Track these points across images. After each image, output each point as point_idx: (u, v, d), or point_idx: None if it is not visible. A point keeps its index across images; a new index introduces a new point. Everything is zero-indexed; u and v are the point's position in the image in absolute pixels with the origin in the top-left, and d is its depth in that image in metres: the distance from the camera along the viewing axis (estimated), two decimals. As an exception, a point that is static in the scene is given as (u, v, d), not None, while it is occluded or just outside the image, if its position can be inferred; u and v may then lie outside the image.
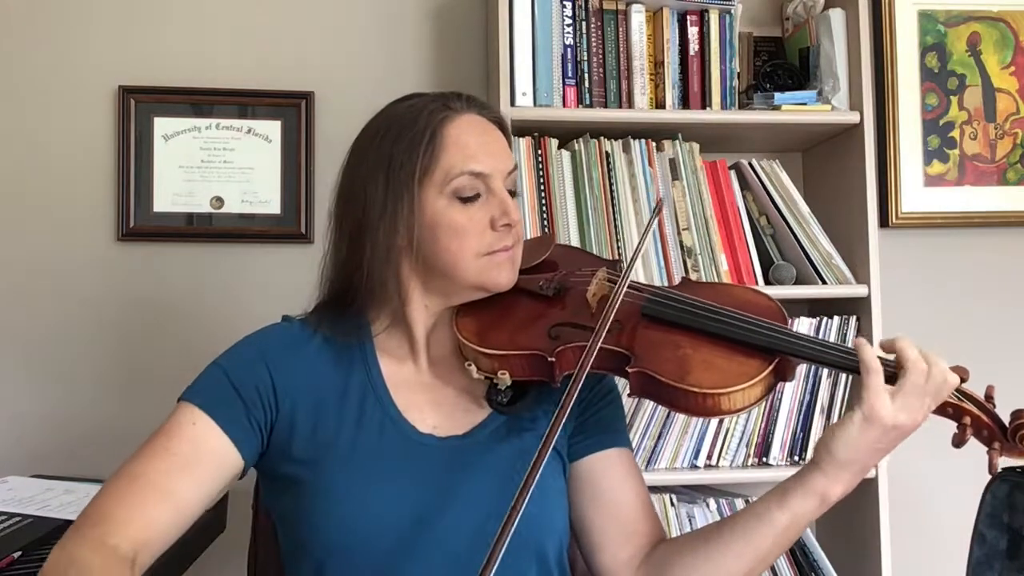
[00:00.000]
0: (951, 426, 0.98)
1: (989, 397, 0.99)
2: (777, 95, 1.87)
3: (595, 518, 1.11)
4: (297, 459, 1.04)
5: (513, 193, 1.09)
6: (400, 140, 1.05)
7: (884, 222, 2.04)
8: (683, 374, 0.98)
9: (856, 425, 0.94)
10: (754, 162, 1.89)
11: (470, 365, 1.07)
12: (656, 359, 1.00)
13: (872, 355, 0.94)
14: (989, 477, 1.16)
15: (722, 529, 1.04)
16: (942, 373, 0.94)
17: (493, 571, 0.80)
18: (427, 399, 1.09)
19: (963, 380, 0.98)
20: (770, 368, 0.98)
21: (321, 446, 1.04)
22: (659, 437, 1.77)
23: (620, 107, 1.84)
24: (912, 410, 0.93)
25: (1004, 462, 0.99)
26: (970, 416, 0.97)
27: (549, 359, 1.02)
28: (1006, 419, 0.97)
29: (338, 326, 1.09)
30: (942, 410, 0.97)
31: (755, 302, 1.08)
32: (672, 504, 1.77)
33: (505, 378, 1.05)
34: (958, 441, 0.97)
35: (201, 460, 1.00)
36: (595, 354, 0.98)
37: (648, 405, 1.75)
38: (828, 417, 1.82)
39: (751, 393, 0.98)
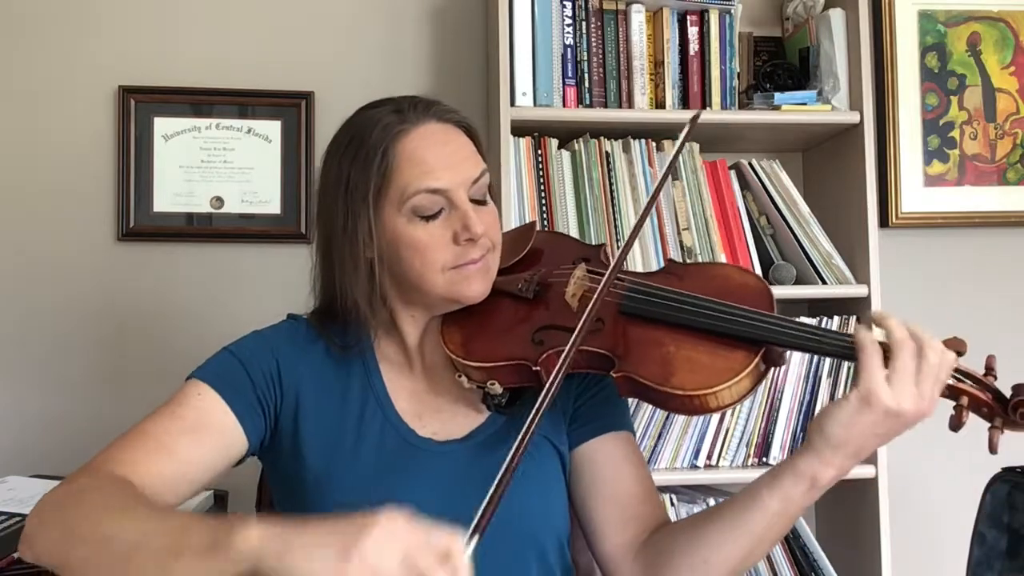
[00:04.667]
0: (950, 423, 0.93)
1: (989, 368, 0.95)
2: (777, 95, 1.87)
3: (594, 505, 1.10)
4: (301, 459, 1.04)
5: (483, 201, 1.06)
6: (356, 159, 1.03)
7: (884, 222, 2.04)
8: (667, 375, 0.95)
9: (852, 406, 0.89)
10: (754, 162, 1.89)
11: (460, 376, 1.06)
12: (639, 361, 0.98)
13: (869, 335, 0.90)
14: (989, 478, 1.16)
15: (717, 514, 1.02)
16: (938, 354, 0.89)
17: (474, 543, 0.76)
18: (426, 405, 1.09)
19: (960, 354, 0.93)
20: (756, 360, 0.95)
21: (324, 449, 1.04)
22: (659, 437, 1.77)
23: (620, 107, 1.84)
24: (913, 396, 0.88)
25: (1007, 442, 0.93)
26: (967, 396, 0.92)
27: (534, 368, 1.00)
28: (1008, 392, 0.92)
29: (340, 336, 1.09)
30: None
31: (742, 283, 1.05)
32: (672, 504, 1.78)
33: (495, 388, 1.04)
34: (955, 424, 0.91)
35: (205, 427, 0.99)
36: (573, 358, 0.96)
37: (648, 405, 1.75)
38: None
39: (739, 387, 0.95)
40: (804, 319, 1.87)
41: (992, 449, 0.91)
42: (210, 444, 0.99)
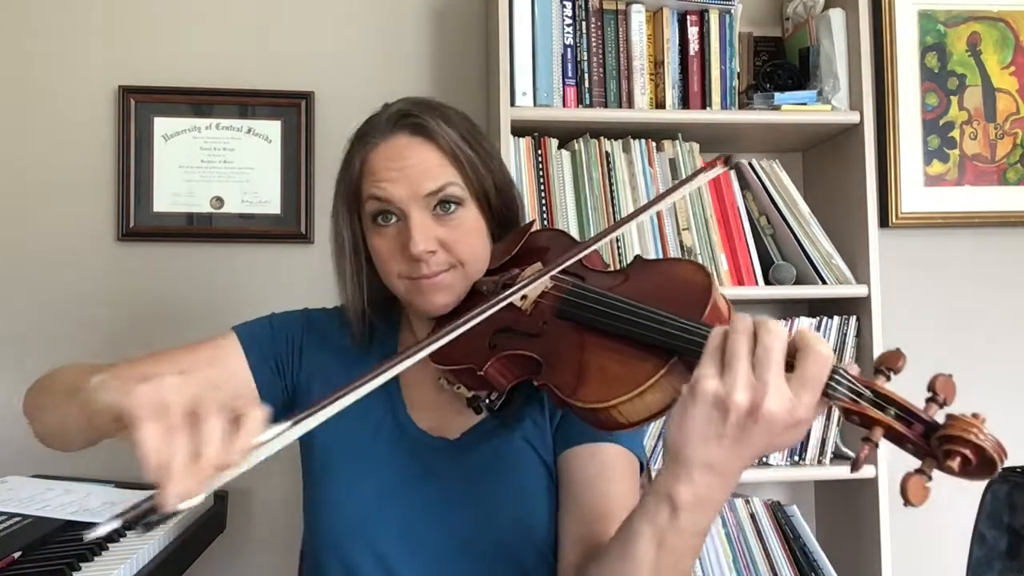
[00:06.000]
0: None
1: (935, 394, 0.73)
2: (777, 95, 1.87)
3: (560, 515, 1.05)
4: (309, 433, 1.05)
5: (451, 214, 1.04)
6: (341, 169, 1.12)
7: (884, 222, 2.04)
8: (576, 386, 0.87)
9: (682, 400, 0.78)
10: (754, 162, 1.89)
11: (440, 379, 1.06)
12: (558, 368, 0.90)
13: (720, 328, 0.78)
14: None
15: (612, 546, 0.91)
16: (774, 337, 0.74)
17: None
18: (430, 400, 1.10)
19: (891, 369, 0.74)
20: (664, 370, 0.82)
21: (329, 425, 1.04)
22: (659, 437, 1.77)
23: (620, 107, 1.84)
24: (747, 385, 0.73)
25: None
26: (881, 426, 0.74)
27: (479, 373, 0.96)
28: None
29: (367, 330, 1.14)
30: (847, 416, 0.76)
31: (687, 283, 0.92)
32: (672, 504, 1.77)
33: (463, 391, 1.02)
34: (853, 463, 0.74)
35: (219, 360, 1.09)
36: (511, 363, 0.95)
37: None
38: (829, 416, 1.82)
39: (646, 402, 0.83)
40: (806, 318, 1.87)
41: (907, 499, 0.71)
42: (217, 370, 1.07)
